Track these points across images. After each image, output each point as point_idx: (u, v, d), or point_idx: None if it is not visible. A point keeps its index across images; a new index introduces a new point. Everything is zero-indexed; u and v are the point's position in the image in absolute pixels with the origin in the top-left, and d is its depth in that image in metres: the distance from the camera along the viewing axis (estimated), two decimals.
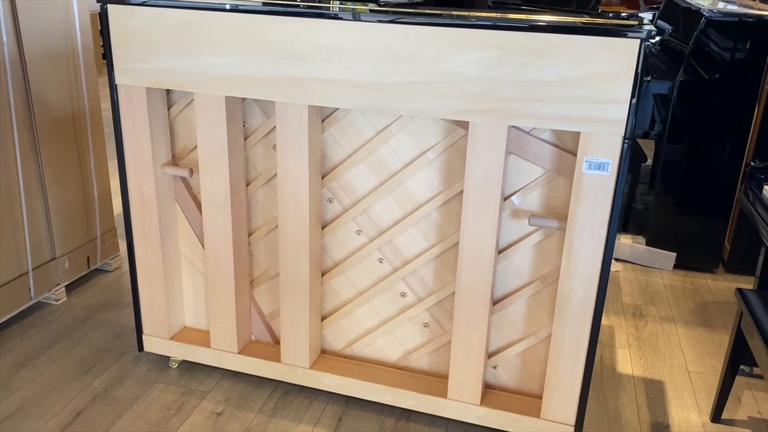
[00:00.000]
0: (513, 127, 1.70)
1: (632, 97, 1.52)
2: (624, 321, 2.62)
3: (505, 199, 1.78)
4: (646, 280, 2.97)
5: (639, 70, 1.50)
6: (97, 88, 2.64)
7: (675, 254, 3.04)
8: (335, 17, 1.65)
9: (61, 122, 2.49)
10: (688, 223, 3.01)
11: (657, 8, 4.00)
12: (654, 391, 2.21)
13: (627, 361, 2.36)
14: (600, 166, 1.59)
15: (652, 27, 1.50)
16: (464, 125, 1.76)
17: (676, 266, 3.09)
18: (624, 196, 3.56)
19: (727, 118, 2.83)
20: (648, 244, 3.08)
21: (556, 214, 1.76)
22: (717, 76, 2.78)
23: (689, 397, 2.19)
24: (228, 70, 1.78)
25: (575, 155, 1.68)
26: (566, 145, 1.70)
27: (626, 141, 1.55)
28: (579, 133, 1.62)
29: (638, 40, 1.48)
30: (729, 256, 3.05)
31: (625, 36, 1.48)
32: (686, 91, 2.83)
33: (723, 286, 2.93)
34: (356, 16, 1.63)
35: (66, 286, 2.66)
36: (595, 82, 1.53)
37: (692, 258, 3.05)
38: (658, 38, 3.56)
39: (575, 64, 1.53)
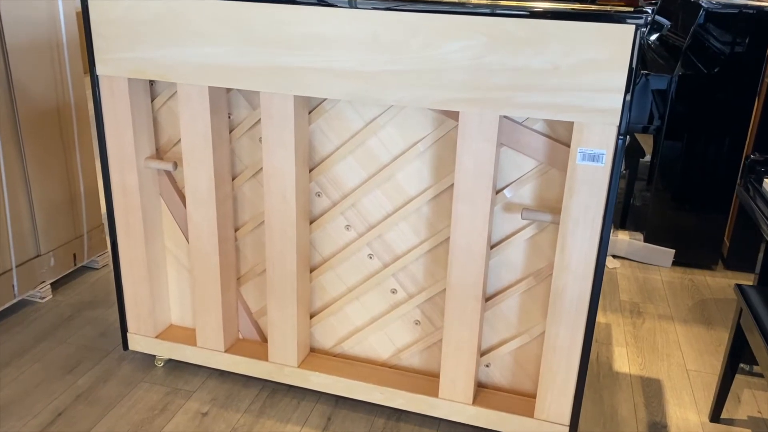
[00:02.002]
0: (505, 117, 1.65)
1: (627, 85, 1.47)
2: (621, 318, 2.57)
3: (497, 192, 1.73)
4: (644, 276, 2.92)
5: (634, 58, 1.45)
6: (83, 83, 2.59)
7: (673, 251, 2.99)
8: (322, 4, 1.60)
9: (46, 116, 2.44)
10: (686, 220, 2.96)
11: (655, 3, 3.95)
12: (651, 390, 2.16)
13: (624, 360, 2.31)
14: (594, 157, 1.54)
15: (648, 12, 1.45)
16: (455, 116, 1.71)
17: (675, 263, 3.04)
18: (622, 192, 3.51)
19: (726, 113, 2.78)
20: (646, 240, 3.03)
21: (550, 208, 1.71)
22: (716, 69, 2.73)
23: (687, 395, 2.14)
24: (212, 60, 1.73)
25: (569, 146, 1.63)
26: (559, 136, 1.65)
27: (621, 131, 1.50)
28: (572, 123, 1.57)
29: (633, 26, 1.43)
30: (728, 253, 3.00)
31: (619, 21, 1.43)
32: (685, 85, 2.78)
33: (722, 283, 2.88)
34: (351, 3, 1.58)
35: (52, 284, 2.60)
36: (588, 70, 1.48)
37: (691, 255, 3.00)
38: (656, 34, 3.51)
39: (567, 51, 1.47)
